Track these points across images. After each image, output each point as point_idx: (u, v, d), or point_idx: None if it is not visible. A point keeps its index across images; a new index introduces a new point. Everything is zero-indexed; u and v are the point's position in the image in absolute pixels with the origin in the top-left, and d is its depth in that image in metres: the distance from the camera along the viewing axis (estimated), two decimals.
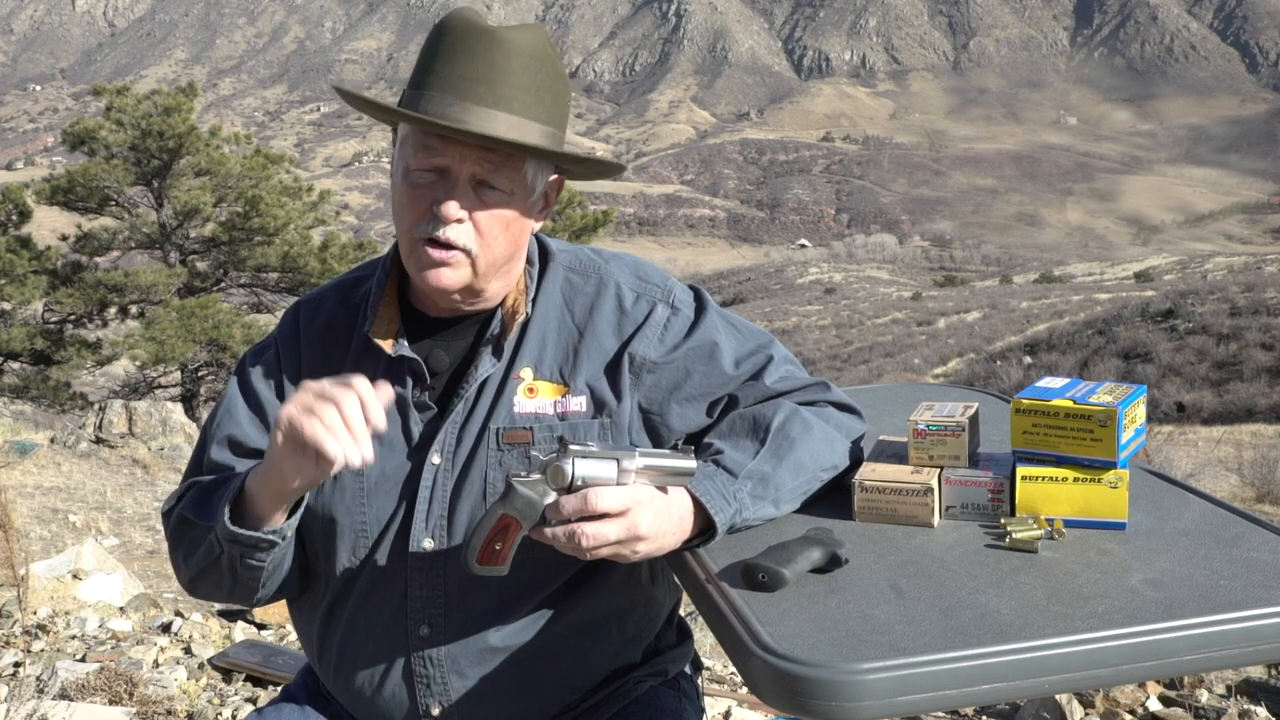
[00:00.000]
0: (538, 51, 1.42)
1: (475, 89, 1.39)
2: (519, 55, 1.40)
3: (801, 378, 1.58)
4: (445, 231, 1.41)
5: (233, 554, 1.40)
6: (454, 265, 1.43)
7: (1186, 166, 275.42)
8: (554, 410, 1.48)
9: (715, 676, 4.11)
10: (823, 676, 1.09)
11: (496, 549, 1.30)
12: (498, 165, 1.41)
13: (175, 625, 4.57)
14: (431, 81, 1.40)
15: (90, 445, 11.19)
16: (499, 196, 1.43)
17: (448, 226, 1.41)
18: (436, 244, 1.42)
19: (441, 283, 1.44)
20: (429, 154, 1.41)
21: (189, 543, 1.47)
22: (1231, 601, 1.20)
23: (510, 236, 1.46)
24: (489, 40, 1.39)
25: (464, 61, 1.39)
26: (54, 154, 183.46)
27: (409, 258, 1.46)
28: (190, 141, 17.98)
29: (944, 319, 59.58)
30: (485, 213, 1.43)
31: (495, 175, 1.42)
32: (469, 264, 1.44)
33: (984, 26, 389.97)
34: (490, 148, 1.40)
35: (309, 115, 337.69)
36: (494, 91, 1.39)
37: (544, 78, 1.43)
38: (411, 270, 1.47)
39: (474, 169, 1.41)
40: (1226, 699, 3.61)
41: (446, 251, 1.42)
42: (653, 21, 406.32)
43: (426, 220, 1.42)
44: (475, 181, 1.42)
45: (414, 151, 1.42)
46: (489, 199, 1.43)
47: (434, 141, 1.40)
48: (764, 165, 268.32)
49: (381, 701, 1.50)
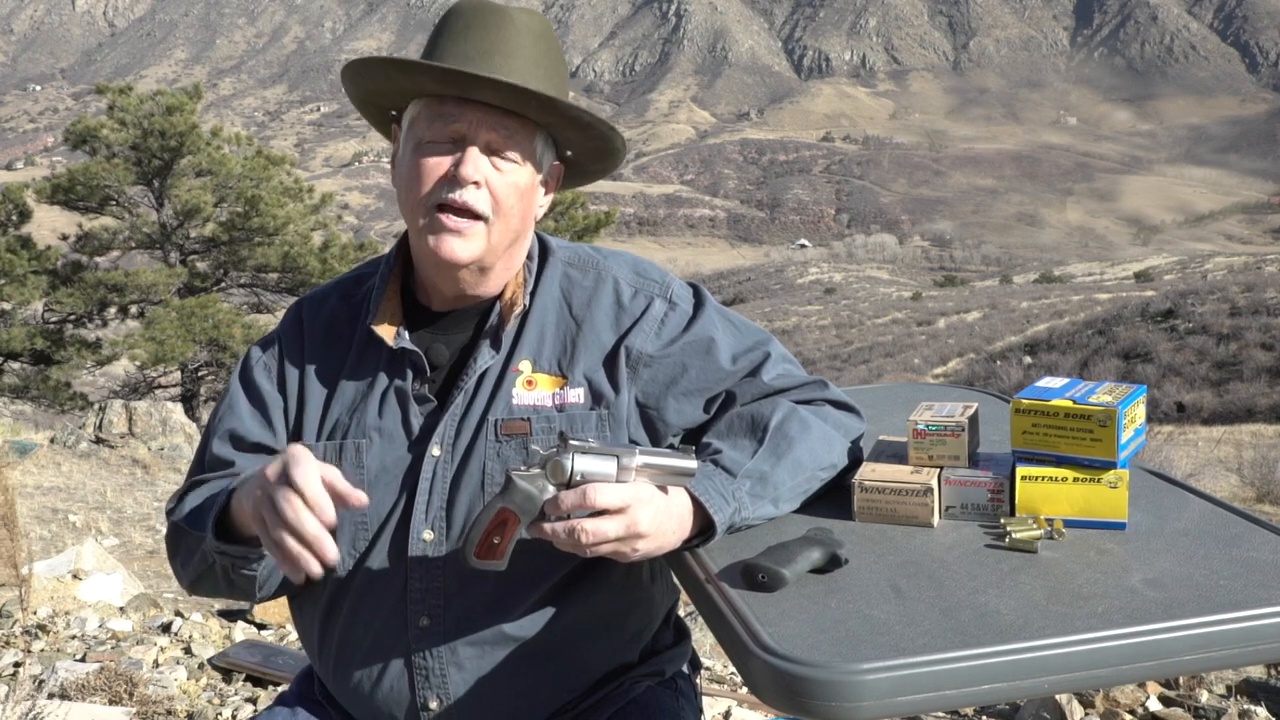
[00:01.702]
0: (544, 31, 1.48)
1: (491, 59, 1.42)
2: (529, 32, 1.46)
3: (799, 375, 1.58)
4: (463, 194, 1.43)
5: (224, 564, 1.41)
6: (468, 236, 1.44)
7: (1186, 166, 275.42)
8: (552, 402, 1.49)
9: (715, 676, 4.11)
10: (823, 677, 1.09)
11: (495, 543, 1.31)
12: (511, 133, 1.44)
13: (175, 625, 4.57)
14: (443, 55, 1.43)
15: (90, 445, 11.19)
16: (512, 165, 1.46)
17: (465, 189, 1.42)
18: (453, 210, 1.43)
19: (455, 253, 1.44)
20: (445, 121, 1.43)
21: (184, 550, 1.49)
22: (1231, 601, 1.20)
23: (523, 208, 1.48)
24: (501, 16, 1.44)
25: (478, 35, 1.43)
26: (54, 154, 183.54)
27: (421, 230, 1.46)
28: (192, 141, 17.99)
29: (944, 319, 59.60)
30: (501, 179, 1.45)
31: (508, 144, 1.45)
32: (484, 234, 1.45)
33: (984, 26, 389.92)
34: (506, 114, 1.43)
35: (309, 115, 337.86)
36: (508, 63, 1.43)
37: (552, 56, 1.48)
38: (423, 244, 1.47)
39: (489, 136, 1.44)
40: (1226, 699, 3.61)
41: (462, 220, 1.44)
42: (653, 21, 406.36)
43: (443, 185, 1.43)
44: (490, 149, 1.44)
45: (428, 123, 1.44)
46: (503, 166, 1.45)
47: (450, 108, 1.43)
48: (764, 165, 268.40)
49: (380, 695, 1.50)
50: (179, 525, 1.48)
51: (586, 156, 1.57)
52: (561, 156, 1.56)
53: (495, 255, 1.48)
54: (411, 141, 1.47)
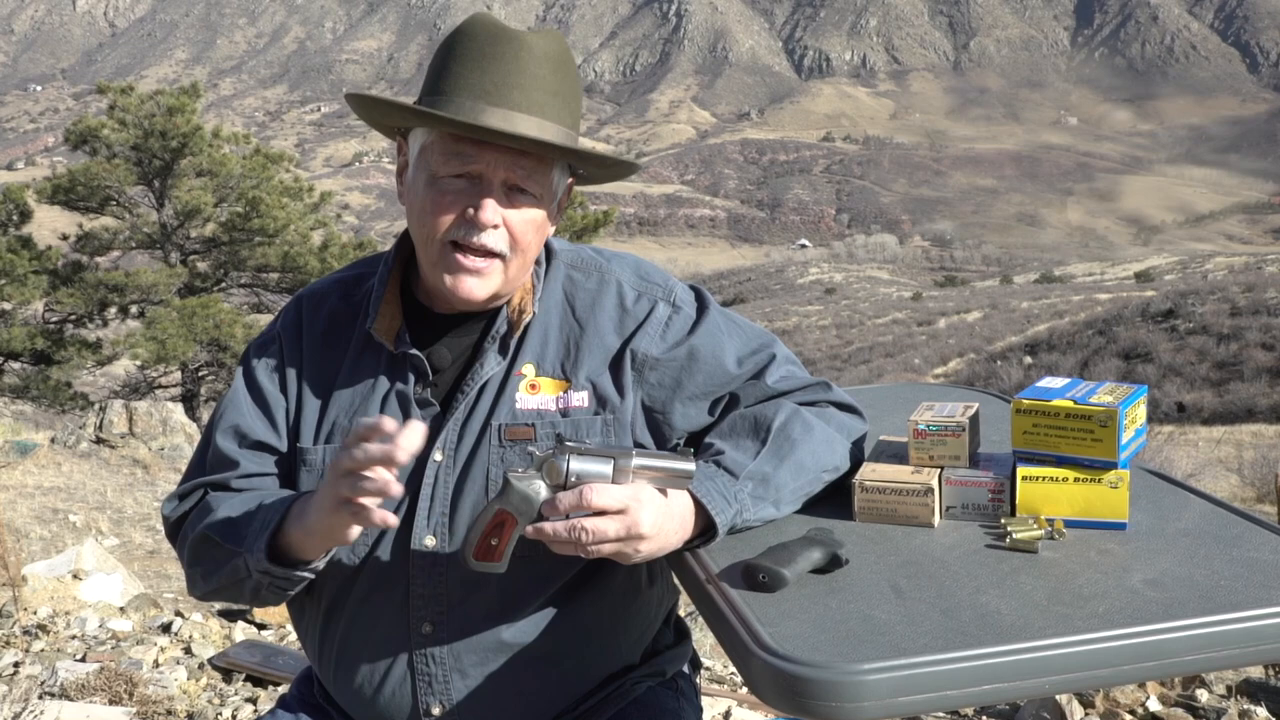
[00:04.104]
0: (561, 56, 1.43)
1: (509, 94, 1.38)
2: (546, 60, 1.41)
3: (803, 377, 1.58)
4: (481, 238, 1.41)
5: (261, 581, 1.40)
6: (485, 276, 1.43)
7: (1187, 166, 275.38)
8: (556, 406, 1.48)
9: (715, 676, 4.11)
10: (823, 677, 1.09)
11: (493, 545, 1.31)
12: (530, 170, 1.42)
13: (175, 625, 4.57)
14: (458, 86, 1.39)
15: (90, 445, 11.19)
16: (530, 200, 1.44)
17: (484, 233, 1.41)
18: (470, 250, 1.42)
19: (472, 294, 1.44)
20: (462, 160, 1.40)
21: (210, 561, 1.46)
22: (1232, 601, 1.20)
23: (539, 240, 1.48)
24: (517, 45, 1.39)
25: (493, 66, 1.39)
26: (55, 154, 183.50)
27: (435, 264, 1.44)
28: (193, 142, 17.99)
29: (944, 319, 59.63)
30: (519, 216, 1.43)
31: (527, 180, 1.42)
32: (501, 271, 1.44)
33: (984, 26, 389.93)
34: (523, 152, 1.40)
35: (309, 115, 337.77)
36: (527, 96, 1.39)
37: (568, 82, 1.44)
38: (437, 277, 1.45)
39: (507, 174, 1.41)
40: (1226, 699, 3.61)
41: (480, 260, 1.42)
42: (653, 21, 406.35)
43: (459, 226, 1.41)
44: (507, 187, 1.42)
45: (443, 159, 1.41)
46: (521, 203, 1.43)
47: (467, 148, 1.39)
48: (764, 165, 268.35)
49: (382, 700, 1.49)
50: (210, 537, 1.44)
51: (599, 179, 1.57)
52: (574, 173, 1.54)
53: (511, 286, 1.48)
54: (424, 172, 1.43)
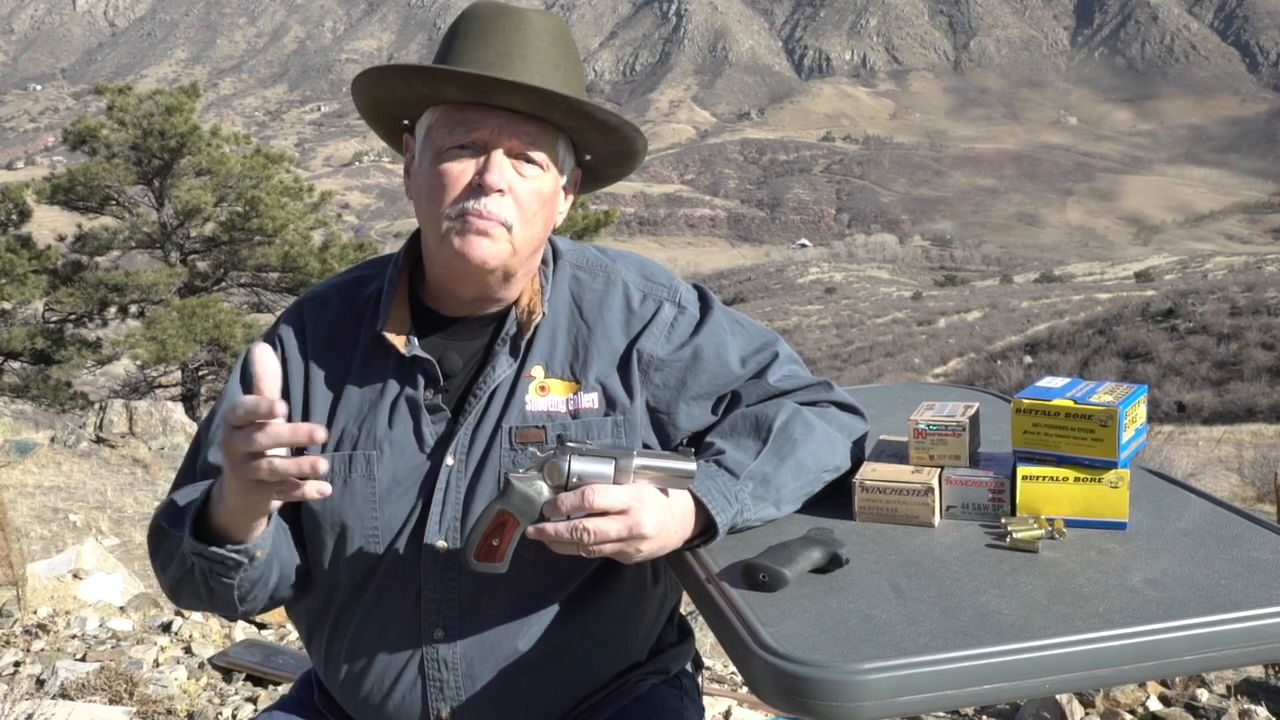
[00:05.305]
0: (562, 34, 1.45)
1: (511, 64, 1.38)
2: (547, 34, 1.42)
3: (804, 377, 1.58)
4: (487, 203, 1.39)
5: (202, 568, 1.36)
6: (495, 239, 1.40)
7: (1186, 166, 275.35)
8: (566, 408, 1.47)
9: (715, 676, 4.11)
10: (823, 676, 1.08)
11: (494, 545, 1.31)
12: (535, 138, 1.41)
13: (175, 625, 4.57)
14: (461, 61, 1.39)
15: (91, 445, 11.19)
16: (535, 171, 1.43)
17: (489, 198, 1.39)
18: (477, 216, 1.40)
19: (482, 252, 1.40)
20: (467, 128, 1.39)
21: (165, 552, 1.44)
22: (1232, 601, 1.20)
23: (545, 215, 1.46)
24: (519, 19, 1.41)
25: (495, 39, 1.39)
26: (54, 153, 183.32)
27: (442, 239, 1.41)
28: (192, 141, 17.98)
29: (944, 319, 59.64)
30: (525, 186, 1.42)
31: (532, 148, 1.41)
32: (508, 239, 1.41)
33: (984, 26, 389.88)
34: (528, 117, 1.40)
35: (309, 115, 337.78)
36: (528, 66, 1.39)
37: (569, 58, 1.44)
38: (447, 249, 1.41)
39: (512, 142, 1.40)
40: (1226, 699, 3.61)
41: (488, 221, 1.39)
42: (653, 21, 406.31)
43: (466, 195, 1.39)
44: (512, 155, 1.41)
45: (447, 130, 1.40)
46: (526, 172, 1.42)
47: (471, 114, 1.39)
48: (764, 165, 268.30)
49: (391, 705, 1.48)
50: (160, 525, 1.44)
51: (606, 160, 1.54)
52: (581, 161, 1.53)
53: (520, 261, 1.45)
54: (430, 150, 1.42)
